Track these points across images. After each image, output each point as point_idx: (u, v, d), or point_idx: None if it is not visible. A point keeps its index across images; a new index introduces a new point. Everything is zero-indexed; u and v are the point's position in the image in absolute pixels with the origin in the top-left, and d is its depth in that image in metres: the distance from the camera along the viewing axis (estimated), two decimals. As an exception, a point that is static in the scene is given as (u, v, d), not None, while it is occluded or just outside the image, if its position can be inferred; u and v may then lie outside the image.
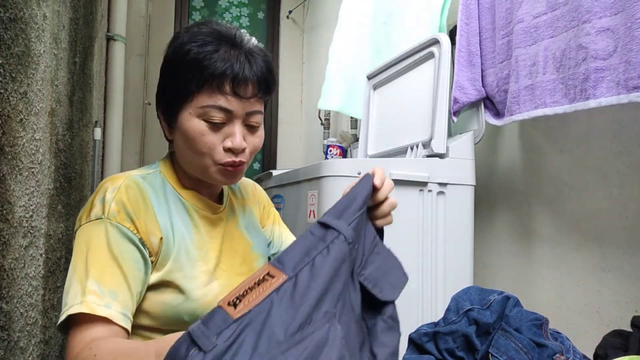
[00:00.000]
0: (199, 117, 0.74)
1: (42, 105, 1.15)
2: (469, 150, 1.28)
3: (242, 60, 0.74)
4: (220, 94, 0.73)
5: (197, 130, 0.74)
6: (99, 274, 0.66)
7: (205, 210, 0.83)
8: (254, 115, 0.77)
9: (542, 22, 1.11)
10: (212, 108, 0.73)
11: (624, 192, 1.07)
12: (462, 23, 1.35)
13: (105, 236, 0.68)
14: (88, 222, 0.70)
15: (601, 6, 0.94)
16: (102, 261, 0.67)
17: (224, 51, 0.74)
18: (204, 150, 0.75)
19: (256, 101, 0.77)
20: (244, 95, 0.74)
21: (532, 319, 0.80)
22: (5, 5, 0.93)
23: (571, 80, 1.02)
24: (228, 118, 0.75)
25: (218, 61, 0.72)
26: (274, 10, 3.39)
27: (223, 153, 0.75)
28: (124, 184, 0.73)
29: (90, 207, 0.72)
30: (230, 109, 0.74)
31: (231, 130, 0.75)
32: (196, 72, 0.73)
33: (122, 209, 0.71)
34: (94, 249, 0.68)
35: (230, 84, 0.73)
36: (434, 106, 1.27)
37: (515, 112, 1.17)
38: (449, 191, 1.23)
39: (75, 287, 0.66)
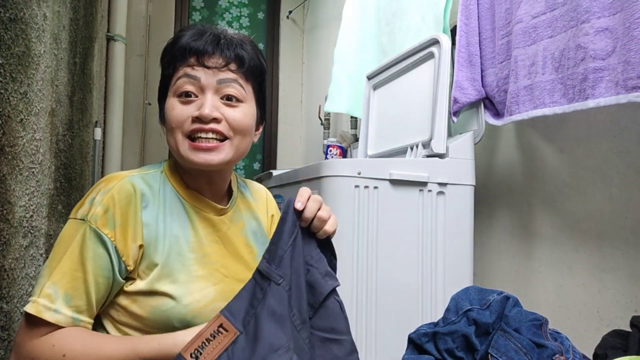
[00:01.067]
0: (174, 95, 0.75)
1: (42, 106, 1.15)
2: (469, 150, 1.28)
3: (209, 37, 0.76)
4: (187, 65, 0.75)
5: (171, 106, 0.75)
6: (59, 276, 0.68)
7: (206, 212, 0.80)
8: (228, 85, 0.75)
9: (541, 22, 1.11)
10: (180, 78, 0.74)
11: (624, 192, 1.07)
12: (461, 23, 1.35)
13: (81, 239, 0.69)
14: (74, 219, 0.71)
15: (600, 6, 0.94)
16: (69, 264, 0.68)
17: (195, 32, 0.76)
18: (174, 124, 0.74)
19: (230, 72, 0.76)
20: (210, 65, 0.74)
21: (532, 319, 0.80)
22: (5, 6, 0.93)
23: (570, 81, 1.02)
24: (198, 89, 0.75)
25: (186, 38, 0.75)
26: (274, 11, 3.39)
27: (190, 123, 0.73)
28: (116, 186, 0.72)
29: (80, 204, 0.72)
30: (196, 75, 0.74)
31: (202, 101, 0.74)
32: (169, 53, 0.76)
33: (105, 214, 0.70)
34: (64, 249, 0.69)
35: (195, 56, 0.75)
36: (434, 106, 1.27)
37: (514, 113, 1.18)
38: (448, 191, 1.23)
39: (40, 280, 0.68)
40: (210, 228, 0.81)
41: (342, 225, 1.13)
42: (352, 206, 1.14)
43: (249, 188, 0.95)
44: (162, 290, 0.72)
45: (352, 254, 1.13)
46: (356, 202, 1.15)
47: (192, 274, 0.75)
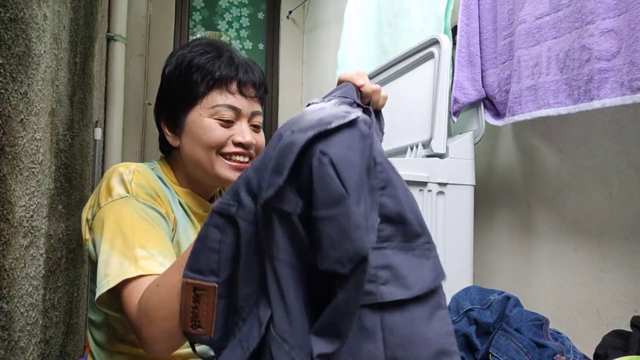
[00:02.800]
0: (210, 116, 0.80)
1: (42, 106, 1.16)
2: (469, 150, 1.28)
3: (243, 66, 0.83)
4: (229, 93, 0.80)
5: (209, 126, 0.79)
6: (143, 240, 0.68)
7: (196, 207, 0.86)
8: (257, 116, 0.85)
9: (545, 23, 1.11)
10: (222, 107, 0.80)
11: (623, 192, 1.07)
12: (462, 23, 1.35)
13: (135, 209, 0.71)
14: (112, 202, 0.72)
15: (605, 7, 0.94)
16: (142, 229, 0.69)
17: (227, 58, 0.82)
18: (214, 144, 0.79)
19: (257, 102, 0.85)
20: (248, 94, 0.82)
21: (533, 319, 0.80)
22: (5, 6, 0.93)
23: (575, 81, 1.02)
24: (236, 116, 0.81)
25: (223, 65, 0.81)
26: (274, 11, 3.39)
27: (232, 146, 0.81)
28: (137, 167, 0.77)
29: (108, 189, 0.73)
30: (239, 107, 0.81)
31: (240, 127, 0.81)
32: (204, 75, 0.80)
33: (143, 189, 0.74)
34: (128, 221, 0.69)
35: (237, 85, 0.81)
36: (433, 106, 1.27)
37: (517, 113, 1.18)
38: (448, 191, 1.23)
39: (116, 259, 0.66)
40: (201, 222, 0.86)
41: (343, 225, 1.13)
42: (352, 206, 1.14)
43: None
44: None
45: (353, 254, 1.13)
46: (356, 202, 1.15)
47: None
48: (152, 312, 0.58)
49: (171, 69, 0.83)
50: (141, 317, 0.60)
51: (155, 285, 0.60)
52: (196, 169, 0.83)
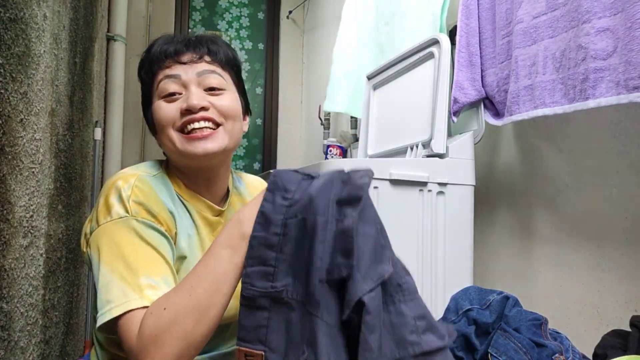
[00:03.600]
0: (159, 98, 0.77)
1: (42, 106, 1.16)
2: (469, 150, 1.28)
3: (178, 39, 0.79)
4: (165, 67, 0.77)
5: (158, 107, 0.77)
6: (147, 267, 0.66)
7: (205, 212, 0.82)
8: (208, 76, 0.77)
9: (542, 22, 1.11)
10: (162, 81, 0.77)
11: (623, 192, 1.07)
12: (462, 23, 1.35)
13: (135, 232, 0.68)
14: (111, 221, 0.69)
15: (601, 6, 0.94)
16: (144, 254, 0.67)
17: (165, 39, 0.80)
18: (164, 122, 0.76)
19: (206, 63, 0.79)
20: (187, 60, 0.77)
21: (532, 319, 0.80)
22: (5, 6, 0.93)
23: (571, 81, 1.02)
24: (181, 86, 0.77)
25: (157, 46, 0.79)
26: (274, 11, 3.39)
27: (180, 117, 0.75)
28: (136, 181, 0.73)
29: (107, 207, 0.70)
30: (175, 73, 0.77)
31: (186, 95, 0.76)
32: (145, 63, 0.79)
33: (141, 206, 0.71)
34: (129, 245, 0.67)
35: (172, 56, 0.77)
36: (433, 106, 1.27)
37: (515, 112, 1.18)
38: (448, 191, 1.23)
39: (118, 284, 0.64)
40: (209, 227, 0.82)
41: (342, 225, 1.13)
42: (352, 206, 1.14)
43: (243, 182, 0.95)
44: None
45: (352, 254, 1.13)
46: (356, 202, 1.15)
47: None
48: (163, 336, 0.58)
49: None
50: (148, 344, 0.58)
51: (162, 308, 0.59)
52: (171, 157, 0.80)
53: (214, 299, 0.61)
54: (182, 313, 0.59)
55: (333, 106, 2.04)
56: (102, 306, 0.63)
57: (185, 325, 0.58)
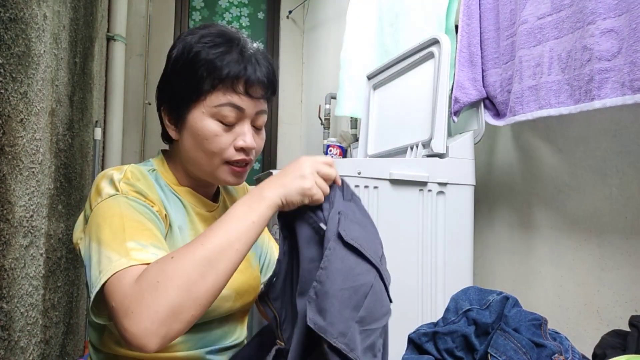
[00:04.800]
0: (212, 116, 0.75)
1: (42, 105, 1.16)
2: (469, 150, 1.28)
3: (253, 63, 0.77)
4: (234, 93, 0.75)
5: (211, 130, 0.75)
6: (134, 233, 0.65)
7: (199, 207, 0.83)
8: (261, 116, 0.80)
9: (547, 23, 1.11)
10: (226, 106, 0.75)
11: (623, 192, 1.07)
12: (463, 23, 1.35)
13: (125, 206, 0.68)
14: (101, 201, 0.69)
15: (605, 7, 0.95)
16: (132, 224, 0.66)
17: (236, 54, 0.76)
18: (216, 150, 0.76)
19: (264, 102, 0.80)
20: (254, 95, 0.77)
21: (531, 319, 0.80)
22: (5, 6, 0.93)
23: (576, 81, 1.02)
24: (239, 118, 0.77)
25: (232, 62, 0.75)
26: (274, 10, 3.39)
27: (234, 152, 0.77)
28: (128, 169, 0.75)
29: (98, 191, 0.71)
30: (243, 107, 0.76)
31: (242, 129, 0.77)
32: (210, 72, 0.75)
33: (132, 187, 0.72)
34: (118, 218, 0.66)
35: (244, 85, 0.76)
36: (434, 106, 1.27)
37: (518, 113, 1.18)
38: (448, 191, 1.23)
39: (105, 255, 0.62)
40: (204, 223, 0.83)
41: (342, 225, 1.13)
42: (352, 206, 1.14)
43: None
44: None
45: (352, 254, 1.13)
46: (356, 202, 1.15)
47: None
48: (166, 282, 0.55)
49: (177, 55, 0.78)
50: (146, 290, 0.55)
51: (170, 257, 0.58)
52: (194, 168, 0.80)
53: (226, 252, 0.60)
54: (190, 261, 0.57)
55: (343, 111, 2.03)
56: (95, 280, 0.61)
57: (191, 276, 0.56)
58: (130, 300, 0.56)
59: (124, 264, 0.60)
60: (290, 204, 0.67)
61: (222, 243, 0.60)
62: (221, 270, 0.59)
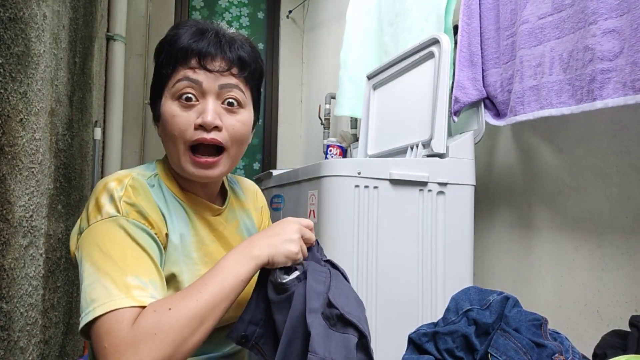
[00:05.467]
0: (173, 97, 0.73)
1: (42, 105, 1.15)
2: (469, 150, 1.28)
3: (210, 37, 0.74)
4: (188, 68, 0.72)
5: (170, 111, 0.73)
6: (135, 267, 0.64)
7: (204, 212, 0.81)
8: (229, 90, 0.74)
9: (548, 23, 1.11)
10: (180, 81, 0.72)
11: (623, 192, 1.07)
12: (463, 23, 1.35)
13: (125, 231, 0.67)
14: (101, 220, 0.67)
15: (607, 8, 0.95)
16: (132, 254, 0.65)
17: (195, 31, 0.74)
18: (175, 132, 0.73)
19: (231, 76, 0.75)
20: (212, 68, 0.72)
21: (532, 319, 0.80)
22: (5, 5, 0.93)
23: (578, 82, 1.02)
24: (199, 93, 0.73)
25: (186, 38, 0.73)
26: (274, 10, 3.39)
27: (193, 131, 0.72)
28: (129, 183, 0.71)
29: (98, 207, 0.69)
30: (198, 79, 0.72)
31: (203, 106, 0.73)
32: (168, 52, 0.74)
33: (133, 207, 0.70)
34: (118, 244, 0.65)
35: (197, 58, 0.72)
36: (434, 106, 1.27)
37: (519, 113, 1.18)
38: (449, 191, 1.23)
39: (103, 283, 0.62)
40: (208, 228, 0.82)
41: (342, 225, 1.13)
42: (352, 206, 1.14)
43: (239, 184, 0.96)
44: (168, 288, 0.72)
45: (352, 254, 1.13)
46: (356, 202, 1.15)
47: (194, 273, 0.75)
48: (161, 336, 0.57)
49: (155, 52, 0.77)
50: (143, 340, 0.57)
51: (167, 308, 0.59)
52: (172, 163, 0.77)
53: (215, 310, 0.62)
54: (185, 319, 0.59)
55: (343, 111, 2.03)
56: (87, 306, 0.61)
57: (184, 332, 0.59)
58: (126, 347, 0.57)
59: (124, 303, 0.60)
60: (274, 264, 0.69)
61: (214, 300, 0.62)
62: (208, 326, 0.62)
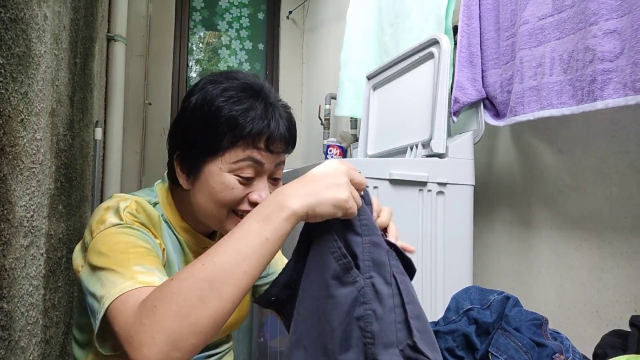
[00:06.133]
0: (230, 172, 0.73)
1: (42, 106, 1.16)
2: (469, 150, 1.28)
3: (276, 118, 0.75)
4: (255, 149, 0.73)
5: (228, 184, 0.73)
6: (140, 258, 0.63)
7: (195, 245, 0.83)
8: (279, 167, 0.78)
9: (548, 23, 1.11)
10: (245, 161, 0.72)
11: (623, 192, 1.07)
12: (463, 23, 1.35)
13: (130, 235, 0.68)
14: (105, 229, 0.68)
15: (608, 8, 0.95)
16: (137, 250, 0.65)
17: (260, 109, 0.74)
18: (229, 202, 0.73)
19: (283, 155, 0.78)
20: (275, 150, 0.75)
21: (532, 319, 0.80)
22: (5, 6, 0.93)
23: (578, 82, 1.02)
24: (258, 172, 0.74)
25: (256, 119, 0.73)
26: (274, 11, 3.39)
27: (247, 205, 0.74)
28: (133, 201, 0.74)
29: (102, 220, 0.70)
30: (263, 162, 0.74)
31: (259, 184, 0.75)
32: (232, 129, 0.72)
33: (136, 218, 0.71)
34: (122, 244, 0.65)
35: (266, 141, 0.73)
36: (433, 106, 1.27)
37: (519, 113, 1.18)
38: (448, 191, 1.24)
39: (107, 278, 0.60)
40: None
41: (342, 225, 1.13)
42: (352, 206, 1.14)
43: None
44: None
45: (352, 254, 1.13)
46: (356, 202, 1.15)
47: None
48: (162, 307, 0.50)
49: (197, 104, 0.75)
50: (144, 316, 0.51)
51: (170, 279, 0.53)
52: (203, 217, 0.78)
53: (232, 274, 0.52)
54: (189, 283, 0.51)
55: (343, 111, 2.04)
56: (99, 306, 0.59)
57: (189, 298, 0.50)
58: (131, 325, 0.52)
59: (128, 286, 0.57)
60: (317, 217, 0.55)
61: (227, 263, 0.52)
62: (226, 294, 0.51)
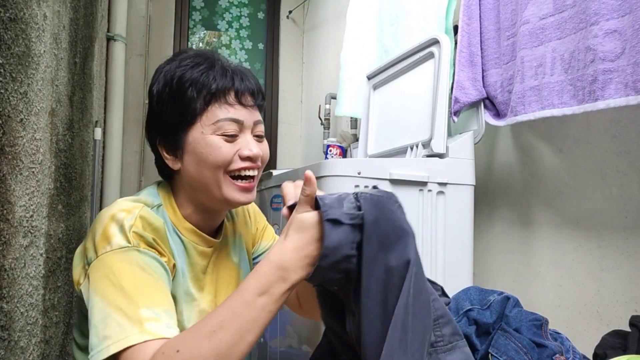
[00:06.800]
0: (213, 133, 0.75)
1: (42, 105, 1.15)
2: (469, 150, 1.28)
3: (238, 74, 0.79)
4: (228, 105, 0.76)
5: (214, 144, 0.75)
6: (147, 298, 0.63)
7: (200, 245, 0.83)
8: (259, 125, 0.81)
9: (549, 23, 1.11)
10: (225, 121, 0.76)
11: (623, 192, 1.07)
12: (463, 23, 1.35)
13: (137, 263, 0.67)
14: (110, 251, 0.67)
15: (609, 8, 0.95)
16: (145, 285, 0.65)
17: (219, 68, 0.78)
18: (220, 161, 0.75)
19: (257, 110, 0.81)
20: (247, 104, 0.78)
21: (532, 319, 0.80)
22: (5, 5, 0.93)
23: (579, 82, 1.02)
24: (240, 129, 0.77)
25: (218, 76, 0.76)
26: (274, 10, 3.39)
27: (240, 162, 0.77)
28: (139, 212, 0.73)
29: (106, 237, 0.69)
30: (241, 119, 0.77)
31: (245, 140, 0.77)
32: (199, 90, 0.75)
33: (143, 238, 0.70)
34: (130, 276, 0.65)
35: (235, 95, 0.77)
36: (433, 106, 1.27)
37: (520, 113, 1.18)
38: (448, 191, 1.23)
39: (115, 318, 0.61)
40: (203, 260, 0.83)
41: (342, 225, 1.13)
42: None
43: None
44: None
45: (352, 254, 1.13)
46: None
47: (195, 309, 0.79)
48: None
49: (160, 87, 0.78)
50: None
51: (175, 351, 0.56)
52: (202, 192, 0.78)
53: (237, 347, 0.56)
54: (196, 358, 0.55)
55: (343, 110, 2.03)
56: (99, 343, 0.60)
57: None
58: None
59: (138, 339, 0.58)
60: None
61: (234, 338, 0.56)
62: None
